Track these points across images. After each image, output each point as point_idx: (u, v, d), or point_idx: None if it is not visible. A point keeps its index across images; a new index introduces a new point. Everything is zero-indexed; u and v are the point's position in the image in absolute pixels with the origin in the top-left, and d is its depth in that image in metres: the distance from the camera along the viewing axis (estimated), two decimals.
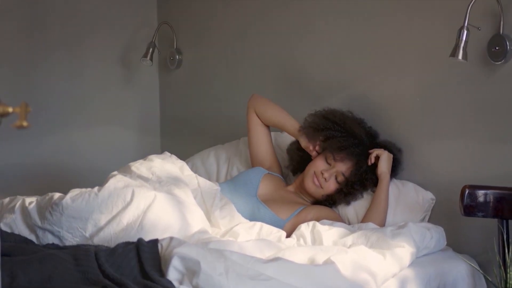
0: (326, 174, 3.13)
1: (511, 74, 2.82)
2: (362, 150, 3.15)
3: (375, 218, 3.01)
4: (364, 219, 3.05)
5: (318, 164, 3.17)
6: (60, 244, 2.56)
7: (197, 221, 2.73)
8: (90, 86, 4.27)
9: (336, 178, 3.13)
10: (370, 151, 3.14)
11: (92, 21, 4.26)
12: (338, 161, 3.13)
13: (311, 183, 3.16)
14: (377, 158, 3.11)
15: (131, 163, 2.96)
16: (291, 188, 3.29)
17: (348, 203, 3.16)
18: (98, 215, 2.61)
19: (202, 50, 4.23)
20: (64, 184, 3.45)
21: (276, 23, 3.79)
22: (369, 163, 3.12)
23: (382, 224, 3.02)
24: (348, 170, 3.12)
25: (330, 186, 3.14)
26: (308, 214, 3.04)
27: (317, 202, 3.20)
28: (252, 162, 3.43)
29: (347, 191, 3.13)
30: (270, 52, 3.82)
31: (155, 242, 2.32)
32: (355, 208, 3.15)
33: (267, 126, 3.41)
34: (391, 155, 3.13)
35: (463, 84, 2.98)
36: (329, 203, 3.17)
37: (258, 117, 3.39)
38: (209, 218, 2.88)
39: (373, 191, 3.13)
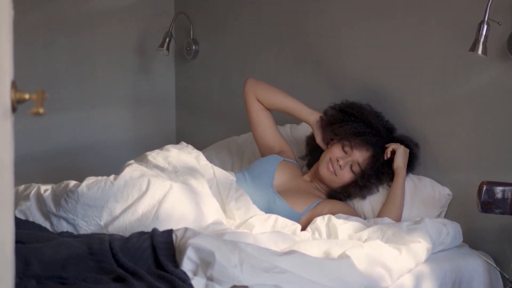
0: (341, 161, 3.11)
1: None
2: (378, 141, 3.13)
3: (391, 213, 2.99)
4: (380, 214, 3.03)
5: (335, 152, 3.14)
6: (75, 232, 2.56)
7: (212, 212, 2.72)
8: (107, 76, 4.27)
9: (351, 168, 3.11)
10: (387, 145, 3.12)
11: (109, 10, 4.26)
12: (355, 149, 3.11)
13: (325, 170, 3.14)
14: (393, 152, 3.09)
15: (148, 153, 2.95)
16: (307, 177, 3.26)
17: (363, 197, 3.14)
18: (114, 203, 2.61)
19: (218, 40, 4.21)
20: (79, 172, 3.45)
21: (294, 14, 3.77)
22: (385, 158, 3.10)
23: (398, 219, 3.00)
24: (364, 162, 3.10)
25: (345, 175, 3.12)
26: (324, 209, 3.02)
27: (332, 194, 3.17)
28: (262, 151, 3.40)
29: (362, 184, 3.10)
30: (288, 43, 3.81)
31: (169, 232, 2.32)
32: (371, 203, 3.13)
33: (269, 109, 3.37)
34: (407, 150, 3.11)
35: (482, 79, 2.95)
36: (344, 196, 3.15)
37: (260, 102, 3.35)
38: (224, 209, 2.87)
39: (389, 186, 3.11)
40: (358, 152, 3.11)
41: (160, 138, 4.39)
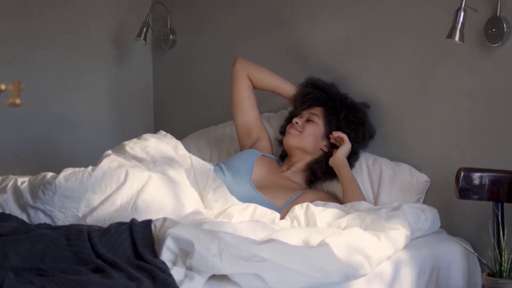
0: (296, 119, 3.22)
1: (508, 56, 2.81)
2: (324, 96, 3.24)
3: (356, 198, 3.01)
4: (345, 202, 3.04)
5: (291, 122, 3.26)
6: (52, 224, 2.55)
7: (191, 202, 2.71)
8: (84, 66, 4.24)
9: (309, 120, 3.20)
10: (333, 133, 3.18)
11: (86, 0, 4.23)
12: (305, 110, 3.23)
13: (288, 136, 3.22)
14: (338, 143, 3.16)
15: (126, 142, 2.94)
16: (284, 167, 3.27)
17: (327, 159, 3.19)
18: (91, 195, 2.59)
19: (196, 30, 4.20)
20: (57, 164, 3.43)
21: (273, 3, 3.76)
22: (334, 136, 3.17)
23: (365, 200, 3.03)
24: (320, 114, 3.20)
25: (307, 127, 3.20)
26: (305, 200, 3.00)
27: (310, 170, 3.20)
28: (241, 133, 3.40)
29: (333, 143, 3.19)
30: (266, 31, 3.80)
31: (148, 222, 2.31)
32: None
33: (257, 87, 3.42)
34: (350, 147, 3.15)
35: (459, 66, 2.97)
36: (320, 166, 3.17)
37: (251, 80, 3.38)
38: (202, 199, 2.86)
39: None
40: (308, 110, 3.23)
41: (138, 127, 4.37)
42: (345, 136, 3.14)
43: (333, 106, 3.21)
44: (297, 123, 3.21)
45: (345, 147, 3.13)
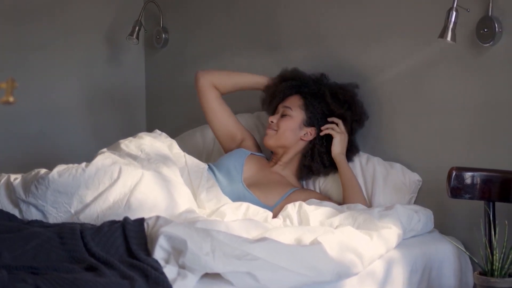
0: (271, 118, 3.18)
1: (499, 56, 2.82)
2: (301, 83, 3.21)
3: (356, 197, 3.00)
4: (345, 202, 3.03)
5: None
6: (44, 220, 2.55)
7: (184, 200, 2.71)
8: (76, 64, 4.23)
9: (284, 115, 3.16)
10: (323, 127, 3.14)
11: None
12: (279, 104, 3.20)
13: (265, 136, 3.19)
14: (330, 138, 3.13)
15: (121, 141, 2.94)
16: (272, 162, 3.25)
17: (326, 152, 3.14)
18: (84, 190, 2.60)
19: (188, 28, 4.20)
20: (50, 161, 3.42)
21: (265, 3, 3.77)
22: (321, 134, 3.13)
23: (365, 201, 3.01)
24: (294, 104, 3.16)
25: (281, 123, 3.15)
26: (298, 199, 2.98)
27: (300, 166, 3.18)
28: (224, 141, 3.38)
29: (319, 143, 3.15)
30: (258, 31, 3.80)
31: (141, 221, 2.32)
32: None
33: (225, 93, 3.39)
34: (346, 137, 3.12)
35: (451, 65, 2.97)
36: (309, 160, 3.15)
37: (218, 88, 3.35)
38: (195, 198, 2.86)
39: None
40: (282, 103, 3.19)
41: (131, 126, 4.36)
42: (331, 130, 3.11)
43: (310, 91, 3.17)
44: (272, 122, 3.17)
45: (336, 141, 3.10)
